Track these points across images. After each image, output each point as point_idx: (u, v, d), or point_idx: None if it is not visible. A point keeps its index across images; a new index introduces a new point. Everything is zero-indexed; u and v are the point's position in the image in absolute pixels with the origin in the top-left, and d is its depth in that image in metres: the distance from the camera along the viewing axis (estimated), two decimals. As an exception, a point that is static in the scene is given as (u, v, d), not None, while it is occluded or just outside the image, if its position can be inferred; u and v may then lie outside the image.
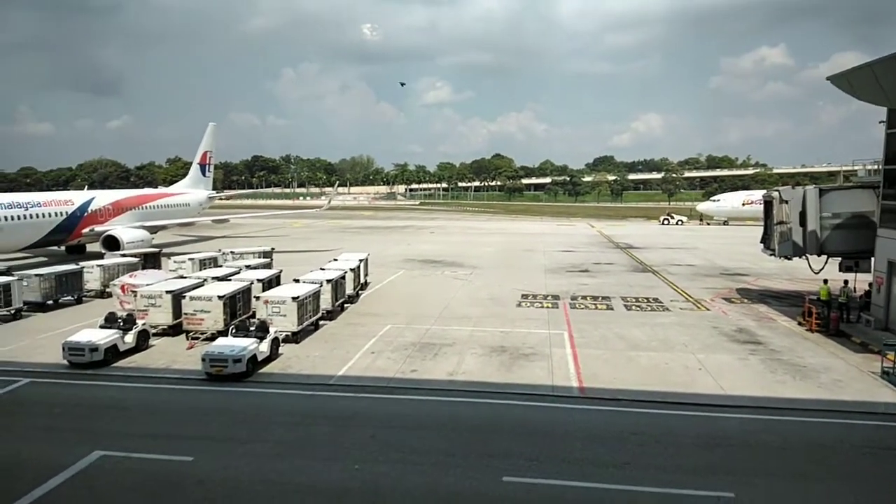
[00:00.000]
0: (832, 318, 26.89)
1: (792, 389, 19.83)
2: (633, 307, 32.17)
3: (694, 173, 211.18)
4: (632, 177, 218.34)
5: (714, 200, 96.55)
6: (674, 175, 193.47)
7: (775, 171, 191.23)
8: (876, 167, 30.18)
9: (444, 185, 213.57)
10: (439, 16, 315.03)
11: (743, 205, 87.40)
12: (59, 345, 21.96)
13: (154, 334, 24.99)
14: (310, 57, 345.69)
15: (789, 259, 32.17)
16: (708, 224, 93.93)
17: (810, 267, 32.11)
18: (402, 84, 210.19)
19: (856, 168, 36.81)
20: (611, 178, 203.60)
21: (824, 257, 31.51)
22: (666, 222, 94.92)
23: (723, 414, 17.87)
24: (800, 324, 28.18)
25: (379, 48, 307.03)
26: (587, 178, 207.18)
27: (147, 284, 27.45)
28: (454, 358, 22.79)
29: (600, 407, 18.38)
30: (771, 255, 33.01)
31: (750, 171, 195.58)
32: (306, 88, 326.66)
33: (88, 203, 49.38)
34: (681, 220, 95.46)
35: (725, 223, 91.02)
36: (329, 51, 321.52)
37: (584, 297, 34.40)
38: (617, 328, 27.43)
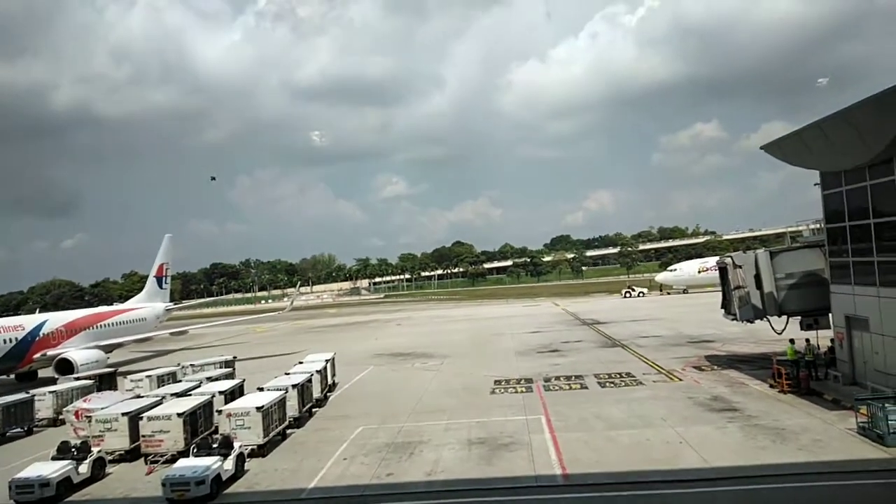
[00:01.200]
0: (802, 377, 27.10)
1: (774, 454, 19.56)
2: (608, 384, 31.88)
3: (648, 245, 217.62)
4: (589, 253, 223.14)
5: (671, 270, 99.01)
6: (629, 249, 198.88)
7: (725, 237, 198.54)
8: (818, 226, 31.49)
9: (407, 276, 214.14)
10: (391, 116, 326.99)
11: (699, 272, 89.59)
12: (6, 484, 20.33)
13: (111, 461, 23.45)
14: (265, 163, 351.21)
15: (751, 322, 32.67)
16: (668, 293, 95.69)
17: (773, 328, 32.65)
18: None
19: (800, 228, 38.34)
20: (569, 256, 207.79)
21: (785, 317, 32.12)
22: (628, 295, 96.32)
23: (710, 488, 17.44)
24: (771, 386, 28.27)
25: (334, 150, 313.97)
26: (547, 258, 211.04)
27: (102, 408, 25.99)
28: (431, 455, 21.91)
29: (586, 493, 17.73)
30: (733, 319, 33.51)
31: (701, 240, 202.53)
32: (263, 193, 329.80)
33: (40, 327, 47.49)
34: (642, 292, 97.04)
35: (685, 291, 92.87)
36: (284, 155, 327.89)
37: (558, 378, 34.00)
38: (594, 408, 26.99)
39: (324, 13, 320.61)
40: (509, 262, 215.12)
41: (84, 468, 21.53)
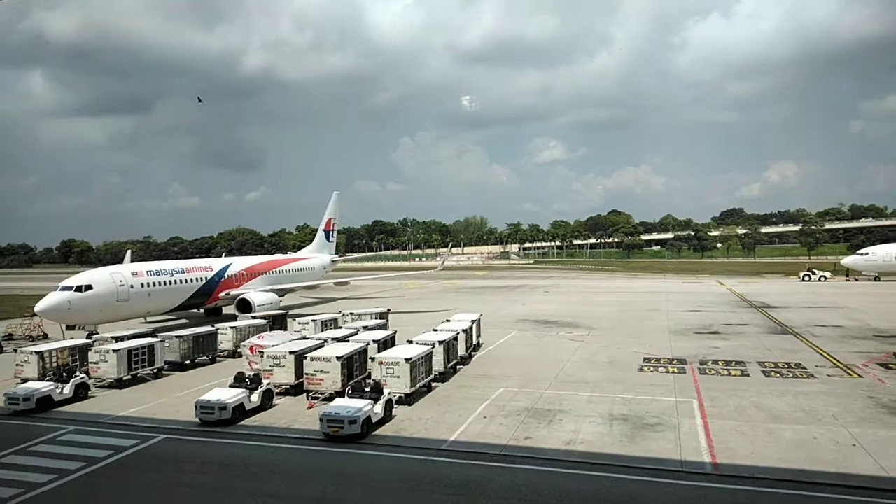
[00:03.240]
0: None
1: (976, 474, 16.82)
2: (773, 373, 29.26)
3: (836, 224, 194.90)
4: (765, 230, 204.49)
5: (862, 254, 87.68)
6: (813, 227, 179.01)
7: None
8: None
9: (559, 243, 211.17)
10: (553, 77, 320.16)
11: (896, 258, 78.74)
12: (193, 403, 23.39)
13: (278, 393, 26.04)
14: (427, 125, 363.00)
15: (960, 319, 28.12)
16: (856, 280, 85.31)
17: None
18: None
19: None
20: (741, 231, 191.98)
21: None
22: (807, 278, 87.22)
23: (884, 500, 15.44)
24: (980, 395, 24.25)
25: (493, 113, 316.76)
26: (714, 233, 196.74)
27: (273, 345, 28.83)
28: (571, 425, 21.66)
29: (737, 486, 16.51)
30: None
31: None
32: (423, 155, 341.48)
33: (225, 269, 53.49)
34: (824, 276, 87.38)
35: (876, 279, 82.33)
36: (445, 119, 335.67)
37: (716, 362, 31.83)
38: (754, 397, 24.94)
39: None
40: (670, 235, 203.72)
41: (255, 397, 24.11)
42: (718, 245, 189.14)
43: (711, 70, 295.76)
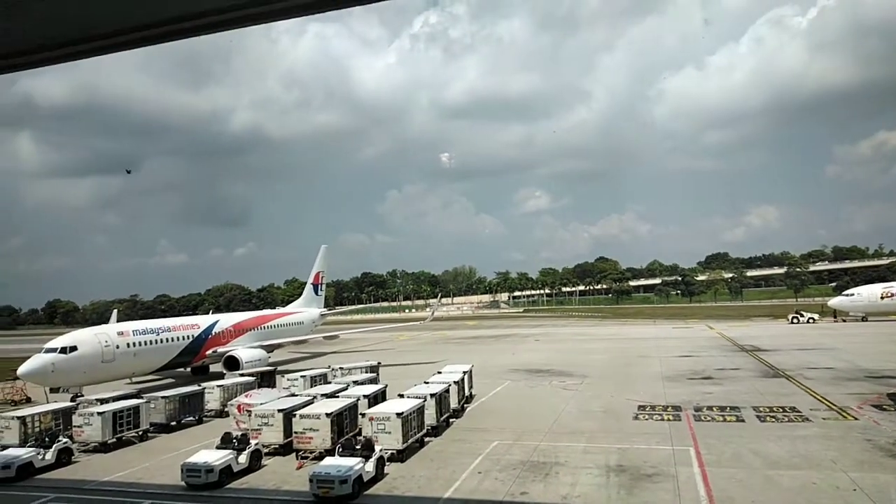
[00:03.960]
0: None
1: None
2: (768, 418, 29.03)
3: (820, 266, 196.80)
4: (750, 273, 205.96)
5: (848, 295, 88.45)
6: (798, 269, 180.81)
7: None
8: None
9: (548, 290, 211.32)
10: (535, 130, 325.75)
11: (882, 298, 79.51)
12: (179, 466, 22.71)
13: (266, 453, 25.38)
14: (413, 178, 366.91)
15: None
16: (843, 321, 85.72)
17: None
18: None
19: None
20: (727, 275, 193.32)
21: None
22: (795, 321, 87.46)
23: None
24: (976, 435, 24.14)
25: (477, 165, 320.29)
26: (701, 277, 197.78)
27: (261, 403, 28.25)
28: (567, 478, 21.22)
29: (739, 537, 16.18)
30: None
31: (885, 262, 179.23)
32: (411, 207, 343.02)
33: (212, 326, 52.83)
34: (812, 318, 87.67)
35: (864, 319, 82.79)
36: (430, 171, 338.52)
37: (710, 408, 31.55)
38: (751, 443, 24.66)
39: (474, 32, 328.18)
40: (658, 280, 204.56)
41: (243, 458, 23.48)
42: (706, 290, 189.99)
43: (688, 120, 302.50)
